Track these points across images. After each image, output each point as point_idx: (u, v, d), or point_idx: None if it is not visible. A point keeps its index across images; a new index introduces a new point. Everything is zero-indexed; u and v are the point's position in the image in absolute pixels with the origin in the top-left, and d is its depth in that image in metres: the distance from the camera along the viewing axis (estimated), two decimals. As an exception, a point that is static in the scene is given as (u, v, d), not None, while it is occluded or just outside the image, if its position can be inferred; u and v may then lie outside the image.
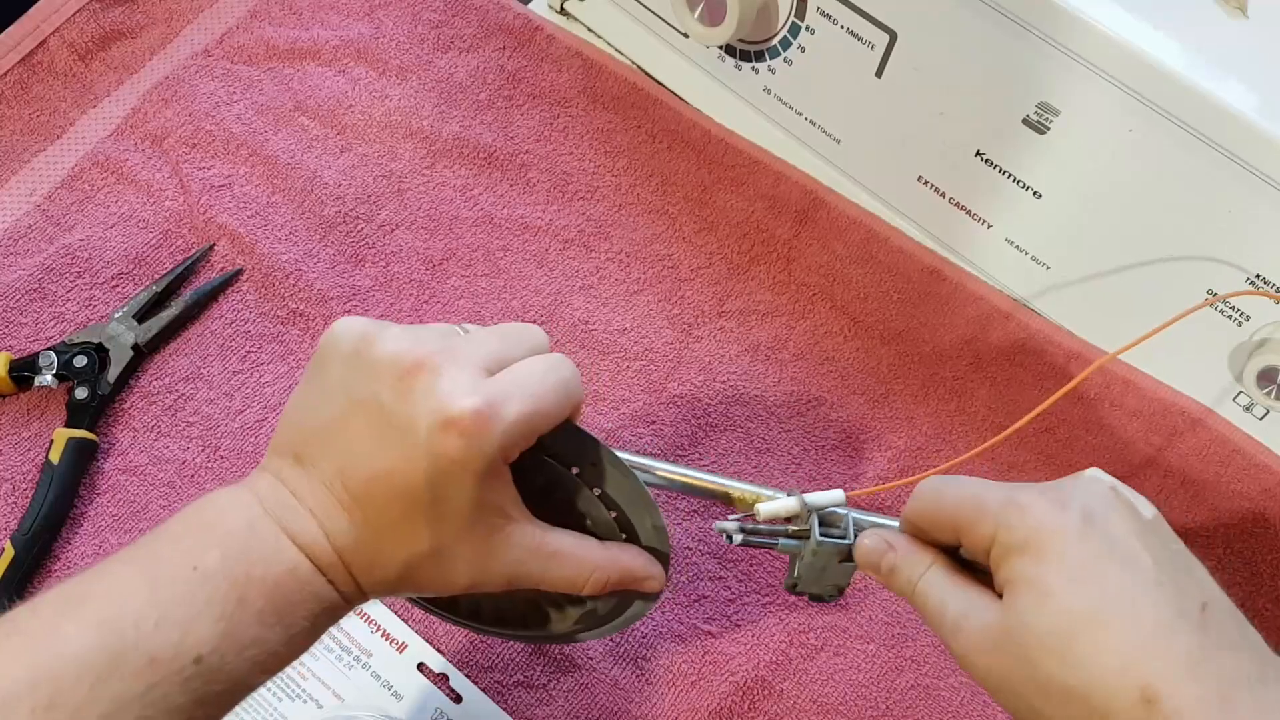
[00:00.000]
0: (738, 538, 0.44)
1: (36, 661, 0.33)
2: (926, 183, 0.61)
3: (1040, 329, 0.61)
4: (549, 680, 0.53)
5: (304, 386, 0.39)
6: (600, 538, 0.42)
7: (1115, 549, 0.34)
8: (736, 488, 0.46)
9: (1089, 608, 0.33)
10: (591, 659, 0.53)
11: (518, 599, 0.44)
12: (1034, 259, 0.60)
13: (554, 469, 0.40)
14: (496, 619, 0.46)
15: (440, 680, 0.53)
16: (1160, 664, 0.32)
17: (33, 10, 0.67)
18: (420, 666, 0.53)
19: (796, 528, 0.44)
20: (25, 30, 0.66)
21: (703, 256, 0.64)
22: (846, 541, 0.43)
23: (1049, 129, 0.54)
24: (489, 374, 0.37)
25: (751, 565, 0.56)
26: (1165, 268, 0.55)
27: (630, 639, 0.54)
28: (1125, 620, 0.33)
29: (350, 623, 0.54)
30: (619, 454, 0.41)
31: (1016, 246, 0.60)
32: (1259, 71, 0.48)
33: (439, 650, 0.53)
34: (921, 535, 0.40)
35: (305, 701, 0.52)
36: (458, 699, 0.53)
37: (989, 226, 0.61)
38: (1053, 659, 0.33)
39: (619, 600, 0.44)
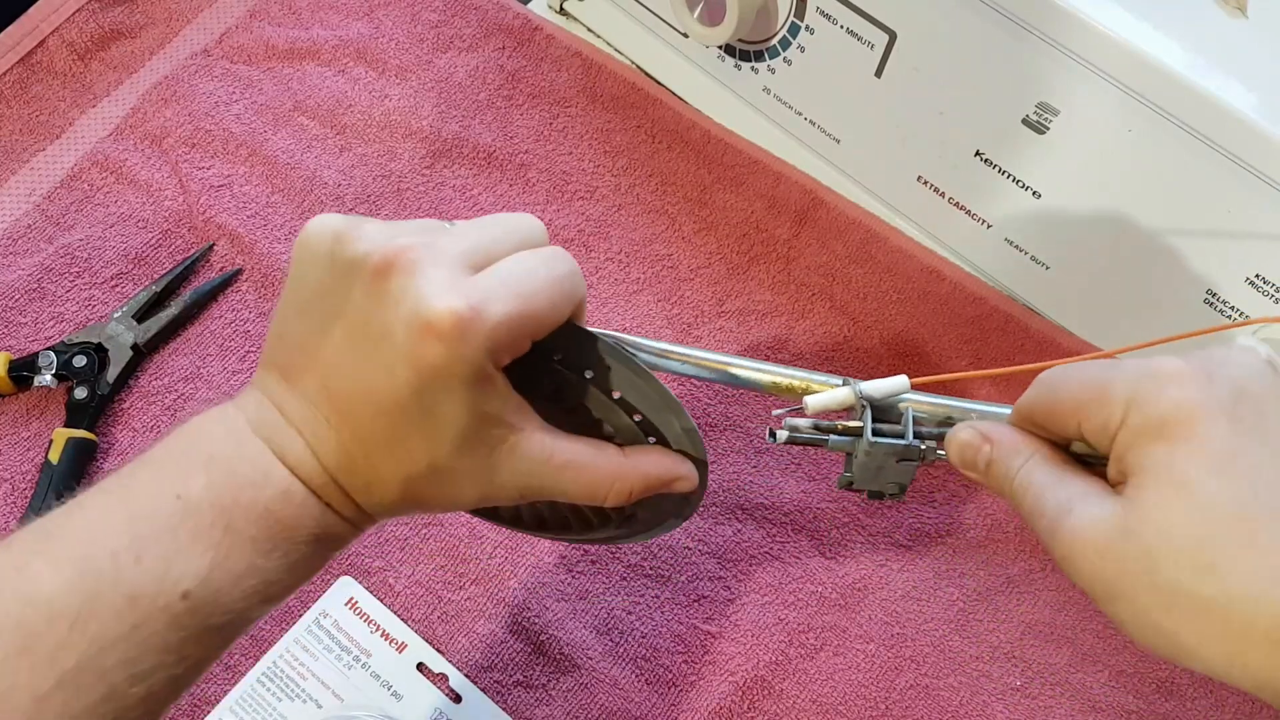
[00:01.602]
0: (782, 435, 0.39)
1: (5, 605, 0.31)
2: (926, 182, 0.61)
3: (1040, 329, 0.61)
4: (549, 680, 0.53)
5: (285, 295, 0.36)
6: (624, 445, 0.38)
7: (1268, 434, 0.29)
8: (781, 374, 0.40)
9: (1236, 505, 0.28)
10: (591, 659, 0.53)
11: (557, 504, 0.41)
12: (1033, 259, 0.60)
13: (562, 374, 0.37)
14: (537, 523, 0.43)
15: (440, 680, 0.53)
16: None
17: (32, 10, 0.67)
18: (420, 666, 0.53)
19: (848, 423, 0.39)
20: (24, 30, 0.66)
21: (702, 256, 0.64)
22: (903, 442, 0.38)
23: (1048, 129, 0.54)
24: (473, 270, 0.33)
25: (751, 565, 0.56)
26: (1165, 267, 0.55)
27: (630, 638, 0.54)
28: None
29: (350, 622, 0.54)
30: (640, 347, 0.37)
31: (1016, 246, 0.60)
32: (1259, 72, 0.48)
33: (439, 650, 0.53)
34: (1037, 430, 0.35)
35: (305, 701, 0.52)
36: (457, 699, 0.53)
37: (988, 226, 0.61)
38: (1184, 564, 0.28)
39: (657, 504, 0.40)
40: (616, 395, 0.37)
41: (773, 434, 0.39)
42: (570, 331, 0.36)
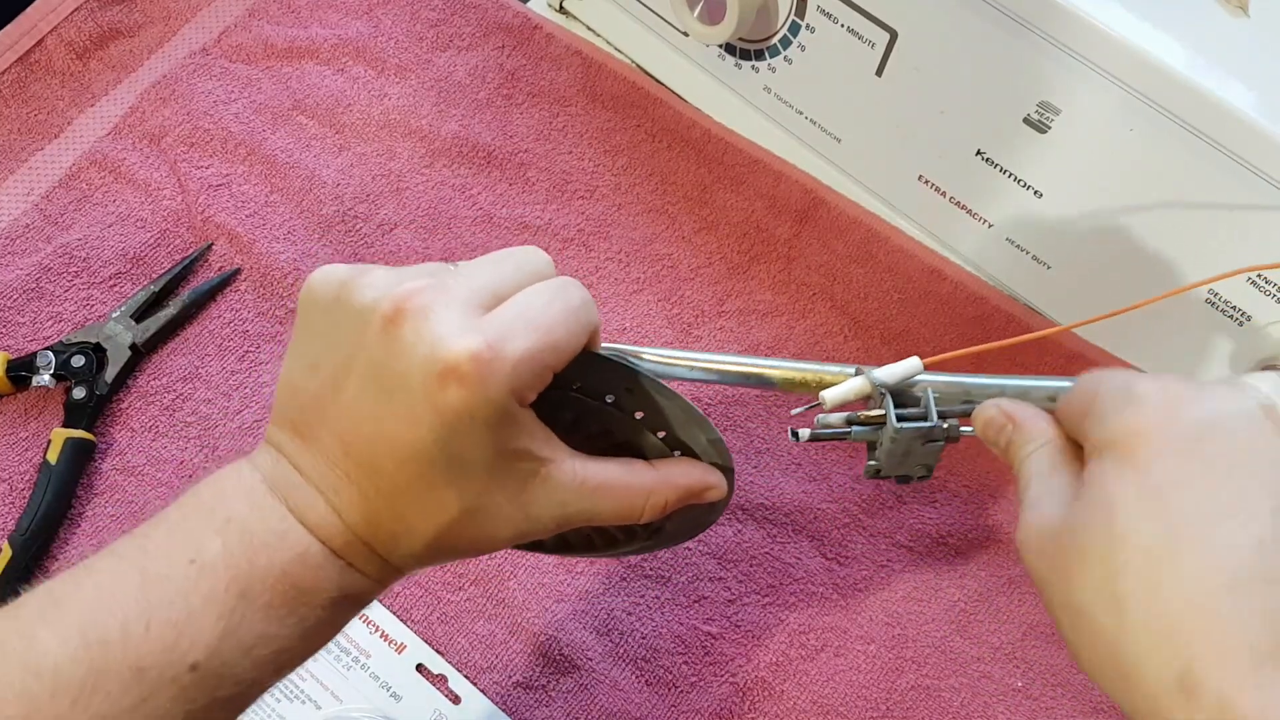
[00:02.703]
0: (804, 434, 0.38)
1: (9, 676, 0.29)
2: (927, 182, 0.61)
3: (1041, 329, 0.61)
4: (548, 681, 0.53)
5: (292, 349, 0.35)
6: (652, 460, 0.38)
7: (1222, 478, 0.28)
8: (792, 368, 0.39)
9: (1152, 538, 0.27)
10: (591, 660, 0.53)
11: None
12: (1035, 258, 0.60)
13: (583, 402, 0.37)
14: (561, 545, 0.42)
15: (439, 681, 0.53)
16: (1218, 644, 0.25)
17: (30, 9, 0.66)
18: (419, 667, 0.53)
19: (869, 412, 0.38)
20: (23, 29, 0.66)
21: (702, 256, 0.64)
22: (929, 424, 0.38)
23: (1050, 128, 0.53)
24: (485, 309, 0.32)
25: (752, 565, 0.56)
26: (1166, 267, 0.55)
27: (630, 639, 0.54)
28: (1193, 571, 0.26)
29: (349, 623, 0.53)
30: (649, 356, 0.37)
31: (1017, 246, 0.60)
32: (1260, 70, 0.48)
33: (438, 651, 0.53)
34: (1066, 428, 0.35)
35: (304, 703, 0.52)
36: (457, 700, 0.52)
37: (990, 226, 0.61)
38: (1089, 586, 0.28)
39: (684, 513, 0.40)
40: (640, 416, 0.37)
41: (795, 434, 0.39)
42: (588, 359, 0.36)
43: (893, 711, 0.53)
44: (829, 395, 0.38)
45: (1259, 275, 0.52)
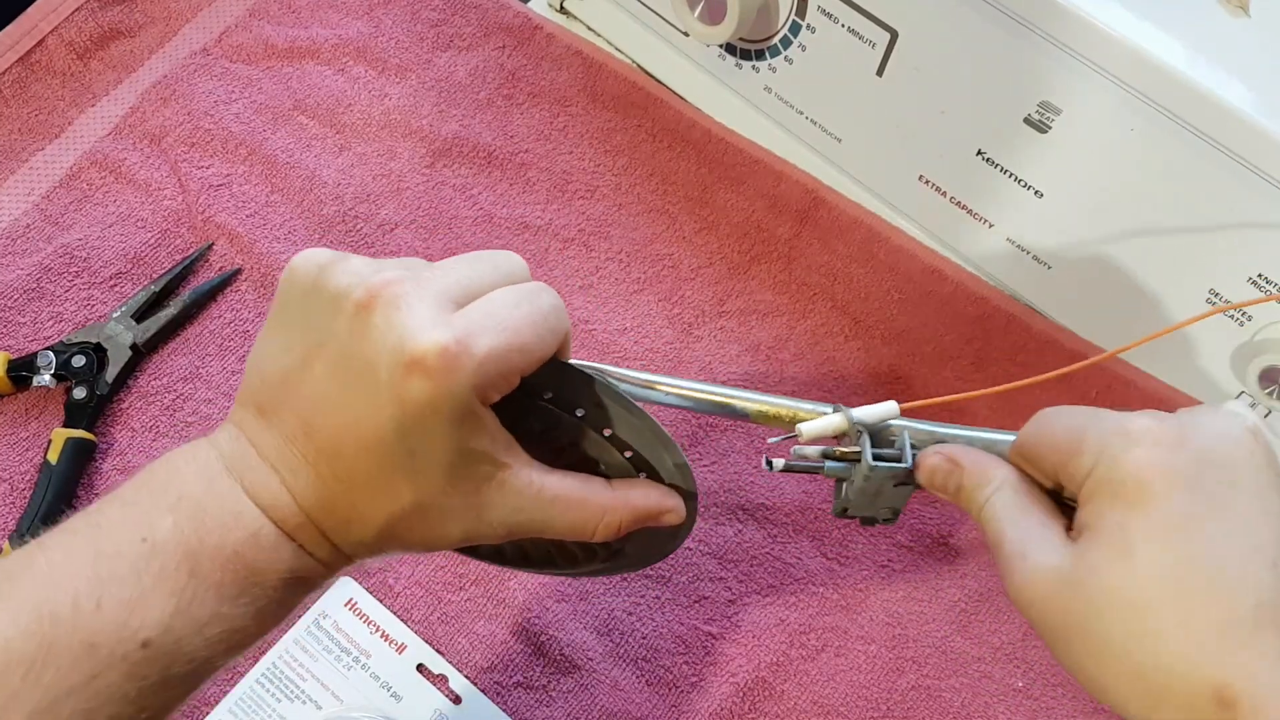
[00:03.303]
0: (778, 464, 0.39)
1: None
2: (927, 182, 0.61)
3: (1042, 329, 0.61)
4: (549, 681, 0.53)
5: (265, 330, 0.35)
6: (613, 479, 0.38)
7: (1229, 508, 0.29)
8: (768, 403, 0.39)
9: (1177, 575, 0.29)
10: (592, 660, 0.53)
11: (540, 539, 0.40)
12: (1035, 258, 0.60)
13: (552, 413, 0.37)
14: (521, 558, 0.42)
15: (440, 681, 0.53)
16: (1249, 661, 0.27)
17: (31, 9, 0.66)
18: (419, 667, 0.53)
19: (845, 449, 0.39)
20: (24, 29, 0.66)
21: (703, 256, 0.64)
22: (902, 465, 0.38)
23: (1050, 128, 0.53)
24: (457, 306, 0.33)
25: (752, 566, 0.56)
26: (1167, 267, 0.55)
27: (631, 639, 0.54)
28: (1219, 598, 0.28)
29: (350, 623, 0.53)
30: (624, 378, 0.37)
31: (1018, 246, 0.60)
32: (1261, 70, 0.48)
33: (438, 651, 0.53)
34: (1030, 467, 0.36)
35: (304, 702, 0.52)
36: (457, 700, 0.52)
37: (990, 226, 0.61)
38: (1119, 626, 0.29)
39: (644, 537, 0.40)
40: (608, 433, 0.37)
41: (769, 463, 0.39)
42: (560, 369, 0.36)
43: (893, 711, 0.53)
44: (805, 428, 0.39)
45: (1259, 275, 0.52)
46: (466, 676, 0.53)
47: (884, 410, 0.38)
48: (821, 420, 0.39)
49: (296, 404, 0.33)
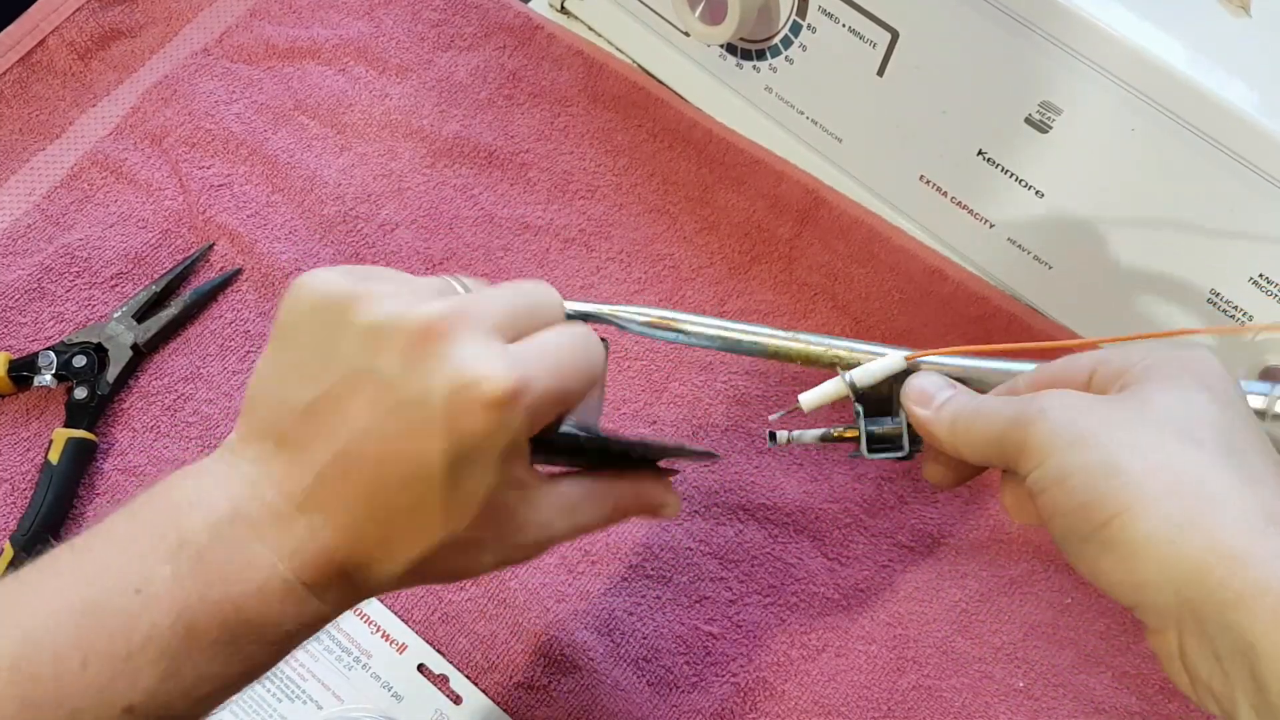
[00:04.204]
0: (782, 436, 0.39)
1: None
2: (928, 182, 0.61)
3: (1043, 329, 0.61)
4: (550, 681, 0.53)
5: (274, 357, 0.33)
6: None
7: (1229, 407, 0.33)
8: (804, 341, 0.39)
9: (1229, 444, 0.32)
10: (592, 660, 0.53)
11: None
12: (1036, 258, 0.60)
13: (576, 437, 0.37)
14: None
15: (440, 681, 0.53)
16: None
17: (32, 9, 0.66)
18: (420, 668, 0.53)
19: (843, 431, 0.39)
20: (25, 29, 0.66)
21: (704, 256, 0.64)
22: (901, 453, 0.38)
23: (1051, 128, 0.53)
24: (506, 341, 0.33)
25: (753, 566, 0.56)
26: (1168, 267, 0.54)
27: (632, 639, 0.54)
28: (1261, 438, 0.32)
29: (350, 623, 0.53)
30: (643, 316, 0.40)
31: (1019, 246, 0.60)
32: (1262, 70, 0.48)
33: (439, 651, 0.53)
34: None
35: (305, 702, 0.52)
36: (458, 700, 0.52)
37: (991, 226, 0.61)
38: (1167, 441, 0.31)
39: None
40: (619, 450, 0.38)
41: (773, 436, 0.39)
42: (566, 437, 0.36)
43: (894, 712, 0.53)
44: (806, 400, 0.38)
45: (1260, 275, 0.52)
46: (467, 676, 0.53)
47: (884, 366, 0.38)
48: (820, 390, 0.38)
49: (330, 437, 0.32)
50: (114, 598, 0.30)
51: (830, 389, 0.38)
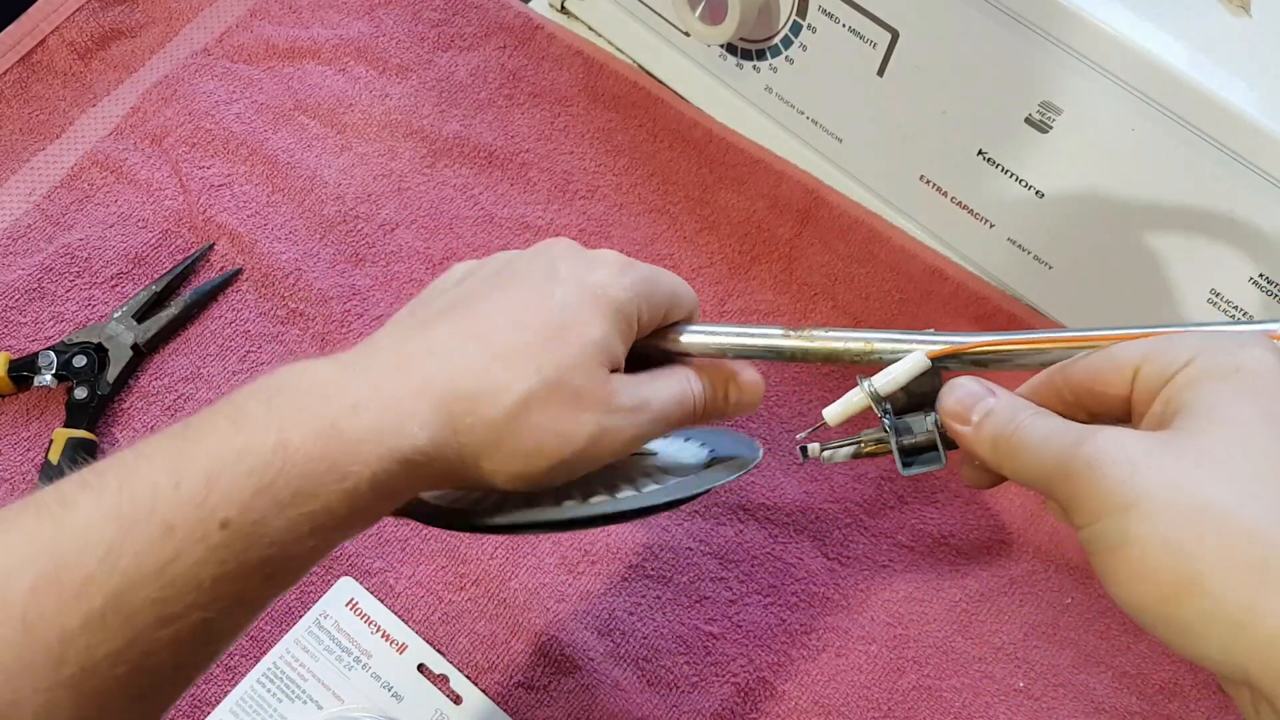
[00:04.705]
0: (813, 449, 0.38)
1: (41, 531, 0.29)
2: (928, 182, 0.61)
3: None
4: (550, 681, 0.53)
5: (417, 306, 0.41)
6: None
7: None
8: (832, 337, 0.39)
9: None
10: (592, 660, 0.53)
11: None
12: (1036, 258, 0.60)
13: None
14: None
15: (440, 681, 0.53)
16: None
17: (32, 9, 0.66)
18: (420, 668, 0.53)
19: (875, 445, 0.38)
20: (25, 29, 0.66)
21: (704, 256, 0.64)
22: (938, 465, 0.36)
23: (1051, 128, 0.53)
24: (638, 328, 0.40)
25: (753, 565, 0.56)
26: (1168, 267, 0.54)
27: (632, 639, 0.54)
28: None
29: (350, 623, 0.53)
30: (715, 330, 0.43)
31: (1019, 246, 0.60)
32: (1262, 70, 0.48)
33: (439, 651, 0.53)
34: (1065, 392, 0.35)
35: (305, 702, 0.52)
36: (458, 700, 0.52)
37: (991, 226, 0.61)
38: (1223, 485, 0.29)
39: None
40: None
41: (804, 450, 0.39)
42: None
43: (894, 712, 0.53)
44: (830, 414, 0.37)
45: (1260, 275, 0.52)
46: (467, 676, 0.53)
47: (909, 368, 0.36)
48: (844, 403, 0.37)
49: (463, 304, 0.38)
50: (208, 429, 0.32)
51: (854, 400, 0.37)
